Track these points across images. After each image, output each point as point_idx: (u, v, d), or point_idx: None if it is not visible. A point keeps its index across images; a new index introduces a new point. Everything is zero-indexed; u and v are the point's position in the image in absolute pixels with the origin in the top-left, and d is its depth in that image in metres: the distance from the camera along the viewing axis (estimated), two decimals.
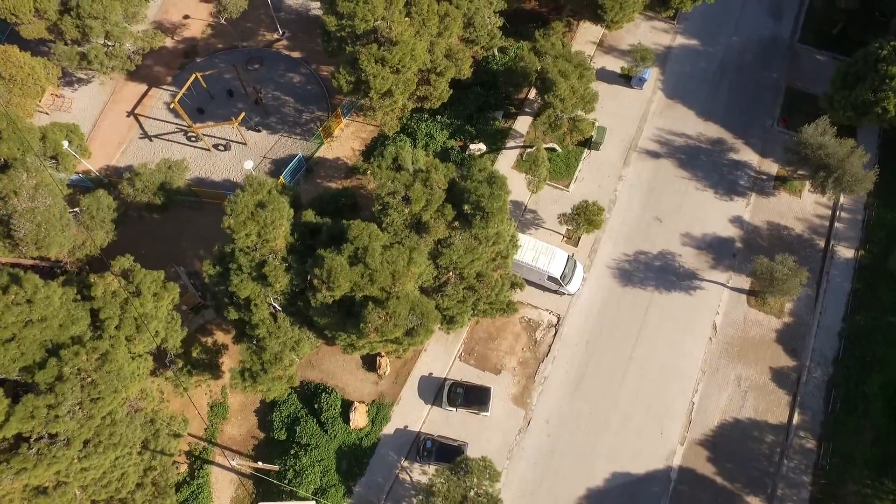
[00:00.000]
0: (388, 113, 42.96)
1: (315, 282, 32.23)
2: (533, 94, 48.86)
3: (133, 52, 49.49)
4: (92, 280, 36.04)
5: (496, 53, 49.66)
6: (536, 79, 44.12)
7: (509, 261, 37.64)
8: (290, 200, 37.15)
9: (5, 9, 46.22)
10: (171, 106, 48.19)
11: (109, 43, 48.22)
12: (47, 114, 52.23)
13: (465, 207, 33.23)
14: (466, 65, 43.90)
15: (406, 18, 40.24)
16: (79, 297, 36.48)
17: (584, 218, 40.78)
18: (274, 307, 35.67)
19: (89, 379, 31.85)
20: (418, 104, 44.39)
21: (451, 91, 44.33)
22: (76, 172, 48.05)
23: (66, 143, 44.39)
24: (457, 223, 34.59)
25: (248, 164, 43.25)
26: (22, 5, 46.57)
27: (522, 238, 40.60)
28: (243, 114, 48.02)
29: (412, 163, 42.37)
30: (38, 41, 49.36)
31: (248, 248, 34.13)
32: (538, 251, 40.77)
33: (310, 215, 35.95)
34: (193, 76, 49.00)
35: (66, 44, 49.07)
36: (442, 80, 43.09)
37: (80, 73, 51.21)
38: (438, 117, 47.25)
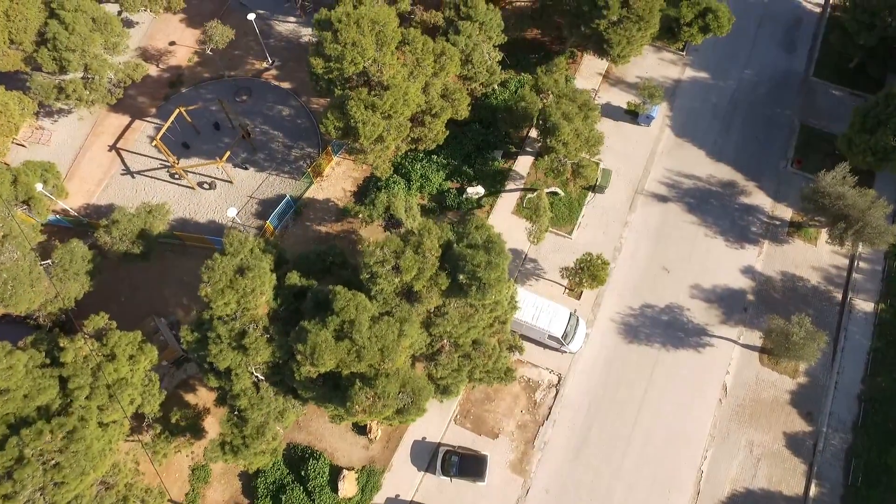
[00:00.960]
0: (379, 156, 40.55)
1: (298, 357, 29.93)
2: (534, 132, 46.38)
3: (114, 84, 47.05)
4: (62, 345, 33.74)
5: (496, 88, 47.16)
6: (538, 120, 41.70)
7: (508, 325, 35.32)
8: (274, 258, 34.86)
9: None
10: (154, 143, 45.75)
11: (89, 76, 45.76)
12: (25, 147, 49.86)
13: (461, 277, 30.85)
14: (464, 104, 41.45)
15: (399, 59, 37.81)
16: (48, 360, 34.33)
17: (587, 273, 38.40)
18: (256, 377, 33.40)
19: (53, 461, 29.64)
20: (412, 146, 41.99)
21: (448, 131, 41.90)
22: (53, 212, 45.80)
23: (39, 186, 42.11)
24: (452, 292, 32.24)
25: (232, 212, 40.86)
26: None
27: (522, 294, 38.28)
28: (228, 153, 45.56)
29: (405, 211, 40.20)
30: (14, 71, 46.91)
31: (227, 316, 31.82)
32: (539, 309, 38.44)
33: (294, 277, 33.57)
34: (177, 111, 46.55)
35: (43, 76, 46.75)
36: (438, 122, 40.63)
37: (60, 104, 48.73)
38: (434, 157, 44.81)
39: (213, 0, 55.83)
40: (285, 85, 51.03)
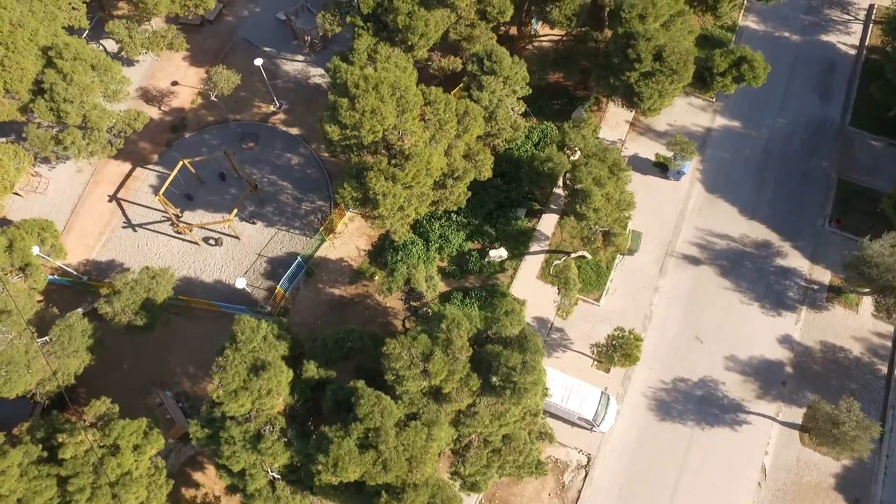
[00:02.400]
0: (398, 222, 38.14)
1: (320, 466, 27.68)
2: (560, 187, 43.99)
3: (114, 134, 44.49)
4: (61, 440, 31.46)
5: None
6: (566, 180, 39.34)
7: (539, 416, 33.12)
8: (289, 346, 32.56)
9: None
10: (157, 199, 43.25)
11: (87, 127, 43.15)
12: (21, 196, 47.31)
13: (494, 379, 28.59)
14: (487, 164, 38.99)
15: (420, 123, 35.35)
16: (44, 452, 32.08)
17: (620, 352, 36.16)
18: (272, 476, 31.16)
19: None
20: (432, 207, 39.58)
21: (469, 192, 39.51)
22: (51, 271, 43.40)
23: (36, 250, 39.70)
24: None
25: (241, 282, 38.41)
26: None
27: (550, 373, 35.99)
28: (236, 210, 43.12)
29: (426, 281, 37.85)
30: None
31: (240, 416, 29.54)
32: (569, 390, 36.29)
33: (312, 370, 31.30)
34: (181, 163, 44.02)
35: (38, 126, 44.17)
36: (460, 185, 38.21)
37: (58, 156, 46.08)
38: (454, 216, 42.43)
39: (217, 37, 53.18)
40: (294, 130, 48.49)
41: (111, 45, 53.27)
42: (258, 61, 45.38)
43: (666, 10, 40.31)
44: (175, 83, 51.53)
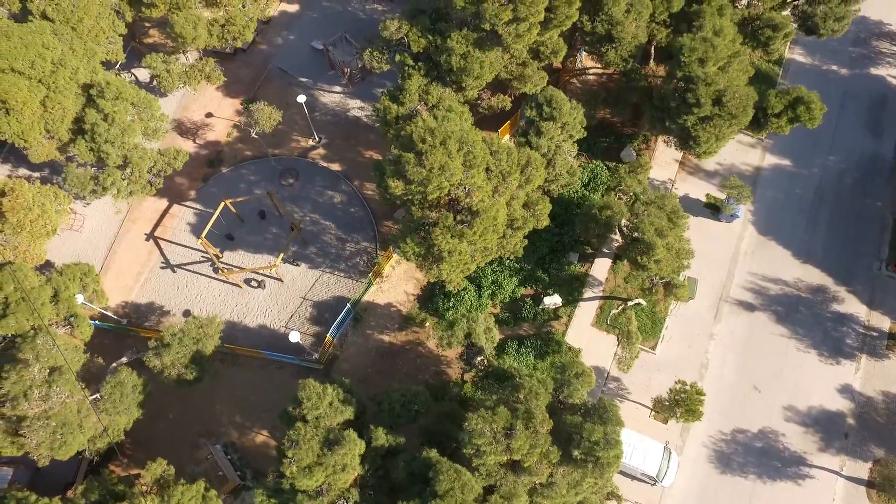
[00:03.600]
0: (454, 271, 37.20)
1: None
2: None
3: (153, 174, 43.32)
4: None
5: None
6: (622, 230, 38.52)
7: (611, 481, 32.40)
8: (355, 410, 31.69)
9: (13, 133, 40.04)
10: (200, 242, 42.14)
11: (128, 167, 41.93)
12: (58, 234, 45.92)
13: (576, 453, 27.82)
14: (545, 213, 38.07)
15: (484, 177, 34.37)
16: None
17: (684, 407, 35.48)
18: None
19: None
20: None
21: (526, 240, 38.65)
22: (91, 319, 42.25)
23: (80, 298, 38.65)
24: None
25: (294, 336, 37.39)
26: (32, 129, 40.32)
27: None
28: (281, 255, 42.06)
29: (485, 333, 36.99)
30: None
31: (312, 491, 28.67)
32: (631, 446, 35.61)
33: (382, 437, 30.44)
34: (222, 205, 42.88)
35: (78, 165, 42.97)
36: (518, 234, 37.35)
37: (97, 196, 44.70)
38: (506, 261, 41.55)
39: (251, 66, 51.92)
40: (335, 166, 47.39)
41: (142, 74, 52.00)
42: (301, 98, 44.17)
43: (724, 52, 39.41)
44: (209, 115, 50.29)
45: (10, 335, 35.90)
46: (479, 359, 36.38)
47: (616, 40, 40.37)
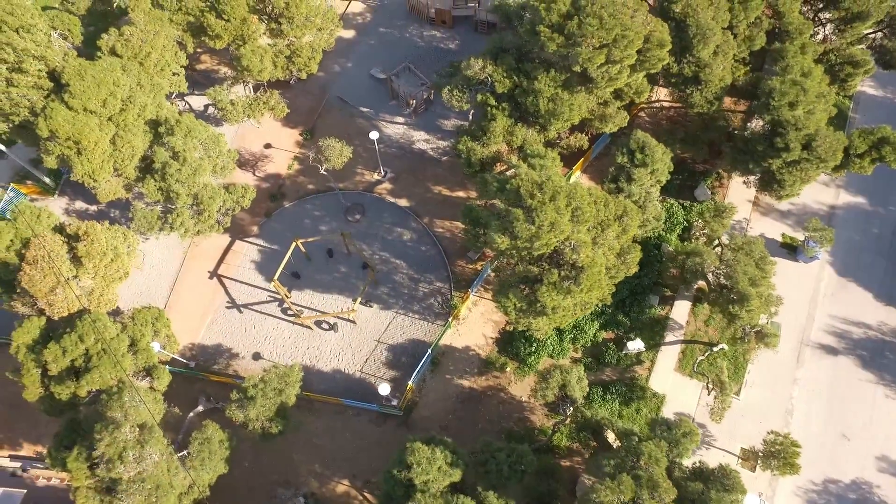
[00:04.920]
0: (551, 324, 36.29)
1: None
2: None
3: (221, 213, 42.08)
4: None
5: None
6: (714, 280, 37.86)
7: None
8: (462, 472, 30.87)
9: (84, 173, 38.74)
10: (272, 285, 40.99)
11: (198, 206, 40.67)
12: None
13: None
14: (636, 261, 37.28)
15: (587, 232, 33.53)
16: None
17: (780, 461, 34.94)
18: None
19: None
20: None
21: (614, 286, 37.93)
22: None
23: (157, 346, 37.70)
24: None
25: (385, 389, 36.39)
26: (102, 168, 39.02)
27: None
28: (359, 299, 41.02)
29: (577, 381, 36.25)
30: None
31: None
32: None
33: (493, 501, 29.61)
34: (294, 245, 41.74)
35: (145, 204, 41.73)
36: (610, 282, 36.59)
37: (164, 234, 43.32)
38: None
39: (309, 95, 50.66)
40: (402, 202, 46.31)
41: (195, 101, 50.72)
42: (374, 135, 43.00)
43: (813, 95, 38.80)
44: (268, 146, 49.04)
45: (94, 390, 34.69)
46: (570, 409, 35.70)
47: (702, 82, 39.67)
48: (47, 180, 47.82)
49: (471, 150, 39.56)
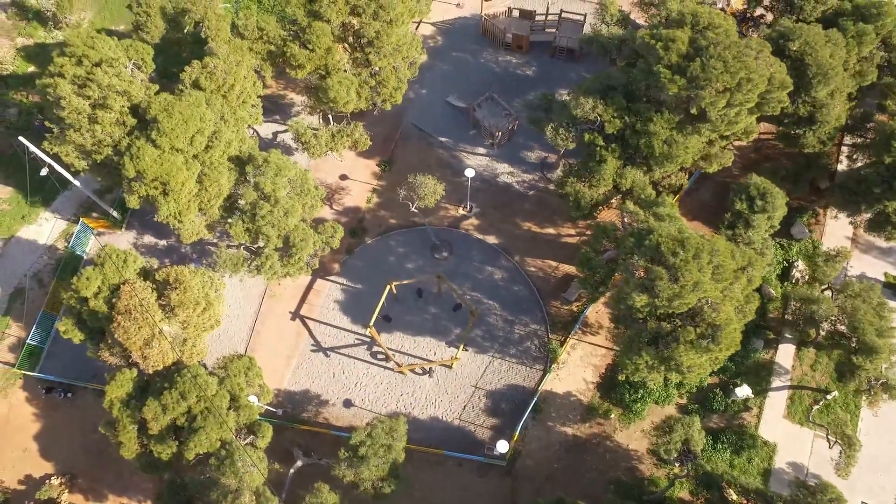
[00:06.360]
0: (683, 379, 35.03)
1: None
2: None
3: (311, 255, 40.28)
4: None
5: None
6: (829, 328, 36.82)
7: None
8: None
9: (170, 214, 36.87)
10: (368, 332, 39.35)
11: (289, 249, 38.84)
12: None
13: None
14: (754, 309, 36.10)
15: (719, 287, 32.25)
16: None
17: None
18: None
19: None
20: None
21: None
22: None
23: (255, 399, 35.85)
24: None
25: (503, 446, 34.86)
26: (188, 209, 37.17)
27: None
28: (462, 347, 39.52)
29: (698, 434, 35.06)
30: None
31: None
32: None
33: None
34: (388, 288, 40.08)
35: (229, 246, 39.88)
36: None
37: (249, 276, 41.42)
38: None
39: (384, 123, 48.80)
40: (490, 239, 44.70)
41: (264, 130, 48.76)
42: (469, 172, 41.07)
43: None
44: (344, 177, 47.21)
45: (201, 453, 32.98)
46: (689, 462, 34.53)
47: (817, 122, 38.45)
48: (115, 213, 45.73)
49: (580, 194, 38.10)
